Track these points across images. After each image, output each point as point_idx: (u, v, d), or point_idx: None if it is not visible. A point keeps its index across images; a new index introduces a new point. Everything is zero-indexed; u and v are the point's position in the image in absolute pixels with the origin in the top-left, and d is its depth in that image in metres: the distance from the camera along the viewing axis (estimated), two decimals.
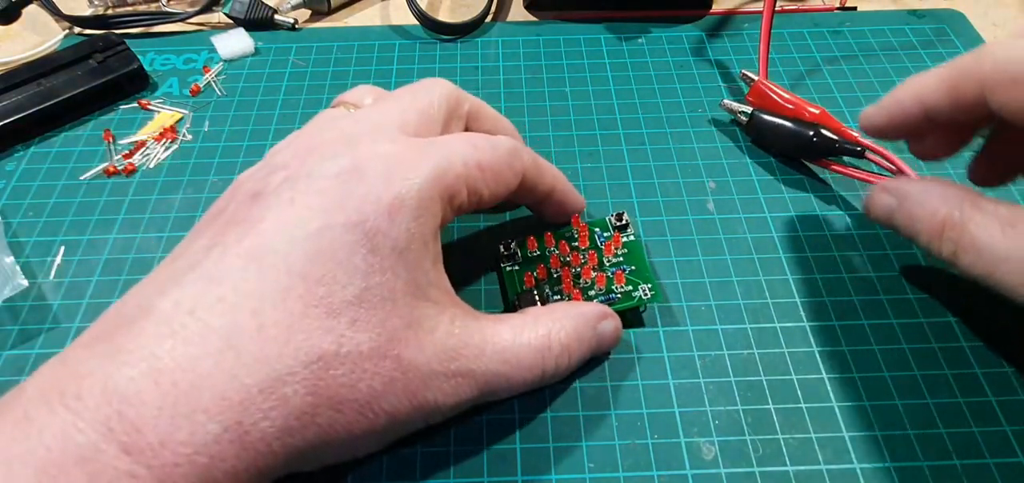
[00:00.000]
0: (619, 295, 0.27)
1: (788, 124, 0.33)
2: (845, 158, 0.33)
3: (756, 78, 0.35)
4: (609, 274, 0.27)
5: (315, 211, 0.20)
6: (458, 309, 0.23)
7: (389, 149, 0.22)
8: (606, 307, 0.26)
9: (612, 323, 0.25)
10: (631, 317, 0.27)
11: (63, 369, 0.18)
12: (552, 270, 0.27)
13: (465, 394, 0.22)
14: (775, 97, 0.34)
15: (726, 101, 0.34)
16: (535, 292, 0.27)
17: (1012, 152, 0.26)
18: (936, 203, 0.24)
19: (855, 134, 0.32)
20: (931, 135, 0.26)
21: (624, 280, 0.27)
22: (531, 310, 0.25)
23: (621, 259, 0.28)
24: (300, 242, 0.19)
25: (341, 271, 0.19)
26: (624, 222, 0.29)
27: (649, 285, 0.27)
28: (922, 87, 0.25)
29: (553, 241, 0.28)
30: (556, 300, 0.26)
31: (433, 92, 0.25)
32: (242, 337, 0.18)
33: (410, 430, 0.22)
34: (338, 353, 0.19)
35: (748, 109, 0.34)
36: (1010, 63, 0.22)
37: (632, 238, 0.28)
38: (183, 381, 0.17)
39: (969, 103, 0.23)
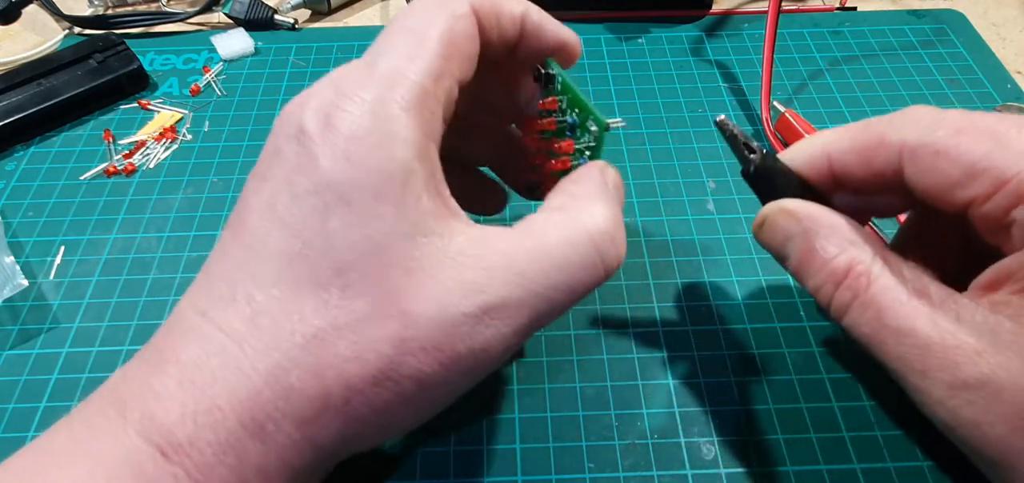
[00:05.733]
0: (587, 151, 0.23)
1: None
2: None
3: (783, 110, 0.35)
4: (569, 135, 0.23)
5: (280, 181, 0.19)
6: (471, 232, 0.19)
7: (350, 75, 0.19)
8: (602, 162, 0.22)
9: (612, 171, 0.22)
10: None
11: (121, 379, 0.19)
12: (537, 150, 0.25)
13: (510, 329, 0.18)
14: (800, 131, 0.34)
15: (725, 118, 0.23)
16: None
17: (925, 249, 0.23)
18: (843, 242, 0.21)
19: None
20: (837, 198, 0.23)
21: (574, 146, 0.23)
22: (556, 195, 0.21)
23: (565, 108, 0.23)
24: (275, 220, 0.18)
25: (318, 239, 0.18)
26: (546, 74, 0.23)
27: (591, 120, 0.22)
28: (829, 144, 0.22)
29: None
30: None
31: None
32: (239, 330, 0.18)
33: (459, 393, 0.19)
34: (335, 326, 0.18)
35: (755, 148, 0.23)
36: (928, 133, 0.20)
37: (559, 84, 0.23)
38: (198, 379, 0.17)
39: (882, 170, 0.21)
